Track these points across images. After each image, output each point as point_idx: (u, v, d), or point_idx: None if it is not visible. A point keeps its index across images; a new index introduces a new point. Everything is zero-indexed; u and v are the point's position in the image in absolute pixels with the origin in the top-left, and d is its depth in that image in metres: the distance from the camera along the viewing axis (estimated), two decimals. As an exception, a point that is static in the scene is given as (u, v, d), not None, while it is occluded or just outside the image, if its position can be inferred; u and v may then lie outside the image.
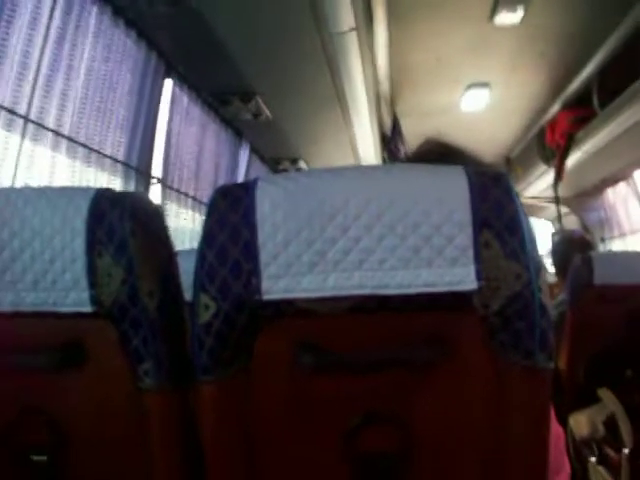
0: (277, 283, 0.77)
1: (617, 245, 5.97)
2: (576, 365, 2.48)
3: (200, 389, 0.83)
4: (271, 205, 0.78)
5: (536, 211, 7.20)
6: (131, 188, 3.01)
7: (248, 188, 0.80)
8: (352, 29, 2.85)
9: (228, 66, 3.24)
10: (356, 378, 0.79)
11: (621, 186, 5.57)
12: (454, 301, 0.78)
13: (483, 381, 0.79)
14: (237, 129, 4.64)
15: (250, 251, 0.78)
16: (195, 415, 0.85)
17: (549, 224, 7.48)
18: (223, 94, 3.78)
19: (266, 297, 0.77)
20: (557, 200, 5.82)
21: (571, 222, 6.69)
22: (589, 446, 2.28)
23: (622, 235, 5.86)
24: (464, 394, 0.80)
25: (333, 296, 0.77)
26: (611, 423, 2.14)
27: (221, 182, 4.34)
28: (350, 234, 0.76)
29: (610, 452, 2.14)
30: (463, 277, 0.76)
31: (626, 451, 1.98)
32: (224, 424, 0.83)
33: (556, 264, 3.40)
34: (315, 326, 0.80)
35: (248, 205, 0.78)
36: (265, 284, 0.77)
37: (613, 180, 5.53)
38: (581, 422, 2.38)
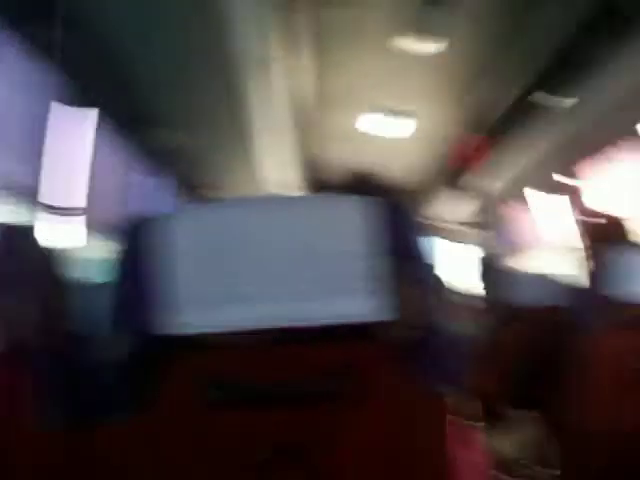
0: (184, 317, 0.75)
1: (531, 265, 6.14)
2: (497, 386, 2.51)
3: (107, 427, 0.79)
4: (180, 237, 0.76)
5: (454, 235, 7.36)
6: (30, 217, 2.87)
7: (158, 219, 0.78)
8: (271, 58, 2.86)
9: (143, 94, 3.19)
10: (265, 412, 0.77)
11: (533, 209, 5.75)
12: (360, 332, 0.77)
13: (392, 411, 0.78)
14: (151, 157, 4.55)
15: (157, 284, 0.75)
16: (96, 458, 0.80)
17: (468, 248, 7.65)
18: (139, 122, 3.71)
19: (172, 331, 0.75)
20: (474, 224, 5.96)
21: (485, 245, 6.87)
22: (513, 467, 2.31)
23: (534, 255, 6.04)
24: (374, 425, 0.78)
25: (240, 329, 0.76)
26: (535, 444, 2.17)
27: (132, 211, 4.23)
28: (258, 266, 0.76)
29: (534, 473, 2.17)
30: (368, 307, 0.75)
31: (550, 472, 2.01)
32: (130, 460, 0.78)
33: (474, 286, 3.46)
34: (223, 360, 0.78)
35: (158, 236, 0.76)
36: (171, 318, 0.75)
37: (523, 203, 5.72)
38: (505, 443, 2.40)
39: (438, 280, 0.78)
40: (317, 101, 4.47)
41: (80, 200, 3.27)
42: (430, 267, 0.77)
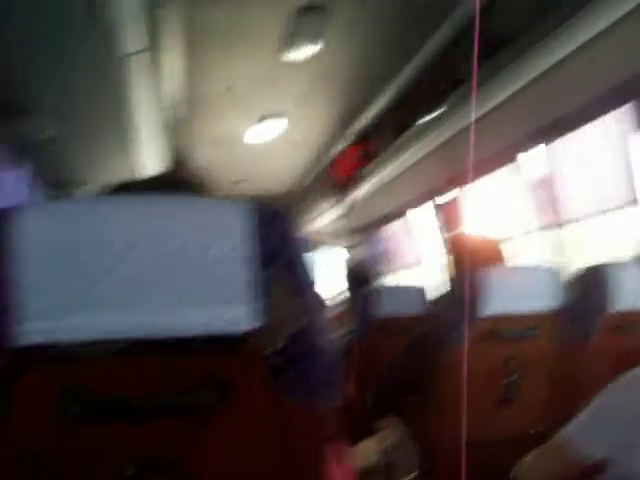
0: (38, 325, 0.69)
1: (399, 277, 6.32)
2: (363, 394, 2.56)
3: None
4: (32, 237, 0.69)
5: (324, 243, 7.44)
6: None
7: (6, 217, 0.71)
8: (142, 51, 2.77)
9: (6, 80, 3.00)
10: (129, 425, 0.73)
11: (403, 220, 5.92)
12: (234, 342, 0.75)
13: (265, 423, 0.77)
14: (15, 148, 4.31)
15: (7, 289, 0.69)
16: None
17: (340, 255, 7.76)
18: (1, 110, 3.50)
19: (25, 340, 0.69)
20: (344, 232, 6.04)
21: (357, 254, 6.99)
22: (377, 472, 2.36)
23: (404, 267, 6.21)
24: (246, 437, 0.77)
25: (101, 339, 0.71)
26: (396, 449, 2.22)
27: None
28: (120, 271, 0.70)
29: (397, 477, 2.22)
30: (243, 317, 0.73)
31: (412, 476, 2.06)
32: None
33: (343, 295, 3.51)
34: (82, 371, 0.73)
35: (5, 236, 0.70)
36: (23, 326, 0.69)
37: (396, 214, 5.87)
38: (368, 449, 2.45)
39: (315, 290, 0.78)
40: (191, 102, 4.39)
41: None
42: (307, 276, 0.77)
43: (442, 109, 3.42)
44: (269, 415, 0.76)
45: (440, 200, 4.71)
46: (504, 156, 3.58)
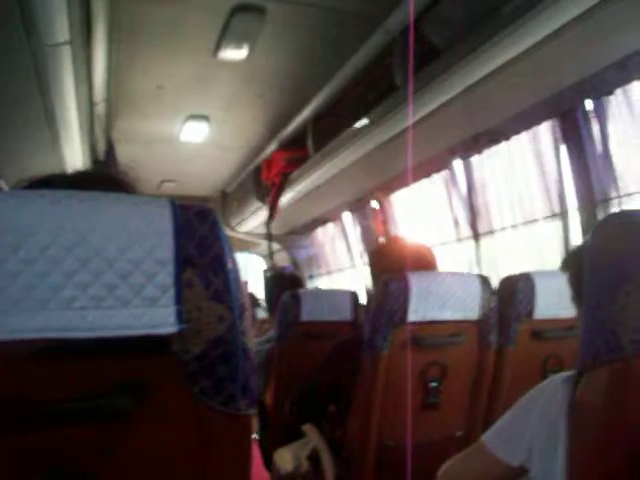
0: None
1: (324, 282, 6.35)
2: (283, 401, 2.53)
3: None
4: None
5: (250, 246, 7.42)
6: None
7: None
8: (67, 42, 2.66)
9: None
10: (39, 432, 0.68)
11: (330, 226, 5.95)
12: (152, 345, 0.71)
13: (182, 429, 0.74)
14: None
15: None
16: None
17: (262, 260, 7.74)
18: None
19: None
20: (269, 237, 6.04)
21: (282, 258, 6.99)
22: (294, 480, 2.33)
23: (329, 272, 6.25)
24: (163, 444, 0.74)
25: (11, 339, 0.66)
26: (314, 457, 2.20)
27: None
28: (35, 268, 0.66)
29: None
30: (162, 319, 0.70)
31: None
32: None
33: (267, 300, 3.48)
34: None
35: None
36: None
37: (323, 220, 5.90)
38: (285, 457, 2.42)
39: (237, 293, 0.75)
40: (119, 99, 4.30)
41: None
42: (230, 280, 0.73)
43: (372, 116, 3.43)
44: (187, 421, 0.74)
45: (371, 206, 4.75)
46: (435, 164, 3.63)
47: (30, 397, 0.68)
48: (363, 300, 3.00)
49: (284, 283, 3.37)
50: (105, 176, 0.99)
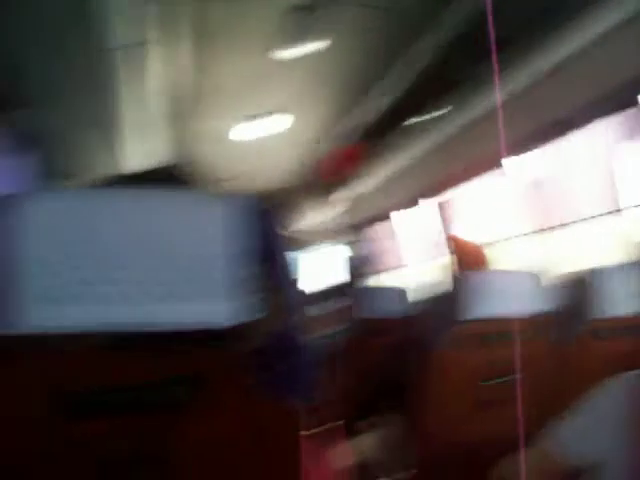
0: (26, 314, 0.68)
1: (386, 278, 6.32)
2: (343, 396, 2.55)
3: None
4: (27, 226, 0.69)
5: (311, 242, 7.44)
6: None
7: (7, 205, 0.70)
8: (130, 46, 2.75)
9: (3, 71, 2.99)
10: (110, 419, 0.72)
11: (390, 223, 5.93)
12: (210, 338, 0.74)
13: (238, 420, 0.76)
14: (11, 139, 4.29)
15: None
16: None
17: (329, 255, 7.76)
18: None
19: (13, 329, 0.68)
20: (331, 233, 6.04)
21: (345, 254, 6.99)
22: (354, 475, 2.34)
23: (390, 269, 6.22)
24: (219, 432, 0.76)
25: (81, 333, 0.70)
26: (377, 451, 2.21)
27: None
28: (104, 266, 0.70)
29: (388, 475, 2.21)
30: (219, 314, 0.72)
31: (396, 476, 2.05)
32: None
33: (327, 295, 3.49)
34: (62, 364, 0.72)
35: (3, 224, 0.69)
36: (12, 315, 0.68)
37: (384, 217, 5.88)
38: (347, 451, 2.44)
39: (299, 288, 0.76)
40: (190, 98, 4.38)
41: None
42: (291, 275, 0.75)
43: (438, 110, 3.41)
44: (241, 411, 0.76)
45: (439, 200, 4.71)
46: (495, 159, 3.58)
47: (99, 386, 0.72)
48: (426, 296, 2.99)
49: (351, 278, 3.38)
50: (169, 174, 1.03)
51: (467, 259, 2.09)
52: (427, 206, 4.89)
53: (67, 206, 0.70)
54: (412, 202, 5.14)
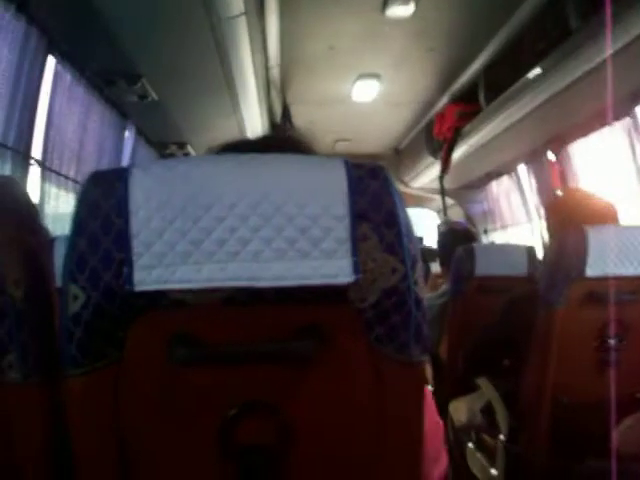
0: (150, 274, 0.73)
1: (499, 237, 6.23)
2: (457, 354, 2.55)
3: (69, 383, 0.78)
4: (145, 193, 0.74)
5: (423, 202, 7.40)
6: (7, 170, 2.85)
7: (122, 175, 0.75)
8: (242, 14, 2.81)
9: (113, 46, 3.12)
10: (231, 370, 0.77)
11: (504, 180, 5.81)
12: (330, 294, 0.77)
13: (359, 373, 0.79)
14: (123, 111, 4.49)
15: (122, 240, 0.73)
16: (64, 410, 0.80)
17: (435, 215, 7.71)
18: (108, 74, 3.64)
19: (138, 288, 0.73)
20: (443, 192, 6.00)
21: (456, 213, 6.93)
22: (467, 433, 2.36)
23: (504, 227, 6.11)
24: (341, 386, 0.79)
25: (207, 287, 0.74)
26: (488, 410, 2.21)
27: (104, 165, 4.18)
28: (225, 224, 0.74)
29: (487, 438, 2.22)
30: (339, 270, 0.75)
31: (502, 437, 2.05)
32: (93, 419, 0.78)
33: (441, 255, 3.48)
34: (189, 318, 0.77)
35: (121, 192, 0.74)
36: (137, 274, 0.73)
37: (497, 174, 5.76)
38: (460, 409, 2.45)
39: (411, 246, 0.78)
40: (293, 62, 4.43)
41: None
42: (404, 233, 0.77)
43: (546, 64, 3.29)
44: (363, 365, 0.78)
45: (547, 157, 4.58)
46: (616, 111, 3.42)
47: (222, 339, 0.76)
48: (540, 255, 2.92)
49: (458, 238, 3.35)
50: (284, 139, 1.05)
51: (592, 214, 2.02)
52: (539, 163, 4.76)
53: (184, 173, 0.75)
54: (524, 158, 5.02)
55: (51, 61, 3.30)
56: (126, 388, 0.78)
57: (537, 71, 3.40)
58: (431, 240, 5.71)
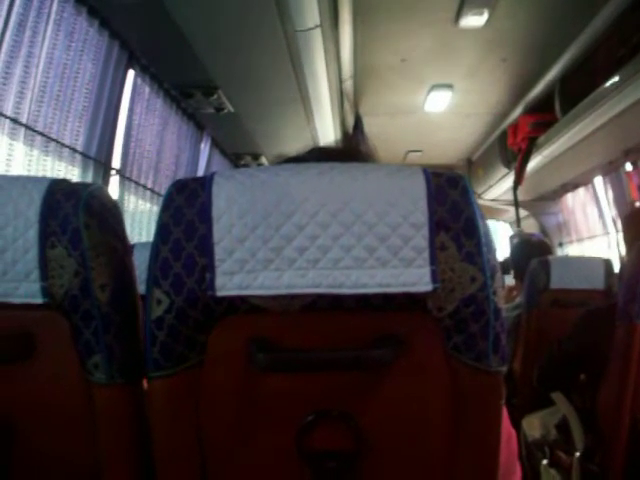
0: (231, 279, 0.75)
1: (574, 250, 6.08)
2: (531, 368, 2.50)
3: (151, 384, 0.81)
4: (227, 200, 0.76)
5: (496, 214, 7.30)
6: (89, 179, 2.96)
7: (204, 182, 0.78)
8: (316, 27, 2.84)
9: (191, 59, 3.21)
10: (309, 376, 0.78)
11: (580, 192, 5.68)
12: (408, 302, 0.77)
13: (436, 382, 0.79)
14: (199, 122, 4.61)
15: (205, 246, 0.76)
16: (147, 411, 0.83)
17: (508, 227, 7.59)
18: (186, 87, 3.74)
19: (220, 293, 0.75)
20: (516, 203, 5.90)
21: (530, 225, 6.80)
22: (541, 448, 2.31)
23: (579, 240, 5.97)
24: (417, 395, 0.79)
25: (287, 294, 0.76)
26: (563, 426, 2.16)
27: (181, 175, 4.29)
28: (306, 232, 0.75)
29: (562, 455, 2.16)
30: (418, 279, 0.75)
31: (577, 454, 2.00)
32: (175, 421, 0.81)
33: (515, 267, 3.42)
34: (269, 323, 0.79)
35: (204, 200, 0.76)
36: (219, 280, 0.75)
37: (572, 185, 5.63)
38: (534, 424, 2.40)
39: (489, 257, 0.78)
40: (365, 74, 4.45)
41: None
42: (483, 243, 0.77)
43: (625, 73, 3.21)
44: (440, 374, 0.79)
45: (625, 169, 4.46)
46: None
47: (301, 345, 0.78)
48: (617, 268, 2.84)
49: (532, 250, 3.28)
50: (357, 148, 1.06)
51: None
52: (617, 174, 4.64)
53: (264, 181, 0.77)
54: (601, 170, 4.89)
55: (130, 74, 3.42)
56: (207, 391, 0.80)
57: (615, 79, 3.32)
58: (503, 253, 5.63)
